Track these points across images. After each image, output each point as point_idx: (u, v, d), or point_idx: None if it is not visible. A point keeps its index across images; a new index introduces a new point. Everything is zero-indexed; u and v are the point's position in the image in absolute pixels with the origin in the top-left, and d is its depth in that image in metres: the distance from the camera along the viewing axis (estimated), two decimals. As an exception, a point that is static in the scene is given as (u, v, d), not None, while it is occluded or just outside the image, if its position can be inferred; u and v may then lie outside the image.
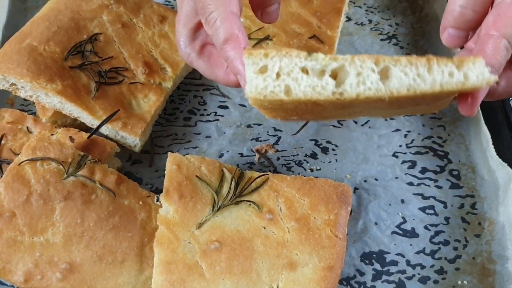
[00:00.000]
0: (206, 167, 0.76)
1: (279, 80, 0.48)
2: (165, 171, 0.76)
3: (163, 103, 0.90)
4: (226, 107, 0.94)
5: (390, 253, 0.79)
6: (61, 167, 0.72)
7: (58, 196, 0.71)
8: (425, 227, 0.81)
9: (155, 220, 0.73)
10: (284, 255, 0.70)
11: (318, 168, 0.87)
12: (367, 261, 0.78)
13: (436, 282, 0.77)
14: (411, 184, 0.86)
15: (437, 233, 0.81)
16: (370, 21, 1.07)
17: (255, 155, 0.88)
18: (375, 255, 0.79)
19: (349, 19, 1.07)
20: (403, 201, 0.84)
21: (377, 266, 0.78)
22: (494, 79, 0.49)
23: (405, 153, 0.89)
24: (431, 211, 0.83)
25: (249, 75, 0.49)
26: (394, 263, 0.78)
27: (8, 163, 0.75)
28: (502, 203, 0.80)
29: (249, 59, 0.49)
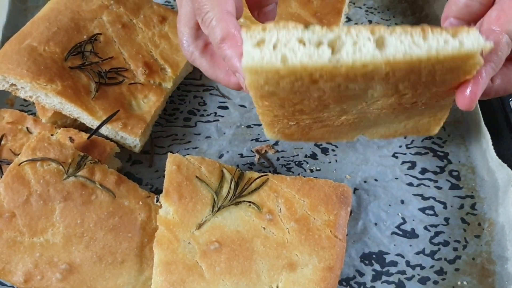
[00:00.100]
0: (206, 168, 0.76)
1: (276, 50, 0.48)
2: (165, 172, 0.76)
3: (163, 104, 0.90)
4: (226, 108, 0.94)
5: (389, 253, 0.79)
6: (61, 167, 0.72)
7: (58, 196, 0.71)
8: (425, 228, 0.81)
9: (155, 220, 0.73)
10: (284, 256, 0.70)
11: (318, 168, 0.87)
12: (367, 262, 0.78)
13: (435, 282, 0.77)
14: (411, 184, 0.86)
15: (437, 234, 0.81)
16: (370, 22, 1.07)
17: (255, 156, 0.88)
18: (374, 256, 0.79)
19: (349, 19, 1.07)
20: (403, 202, 0.84)
21: (377, 266, 0.78)
22: (490, 45, 0.48)
23: (405, 154, 0.89)
24: (430, 212, 0.83)
25: (246, 48, 0.48)
26: (393, 263, 0.78)
27: (8, 164, 0.75)
28: (502, 204, 0.80)
29: (247, 33, 0.49)
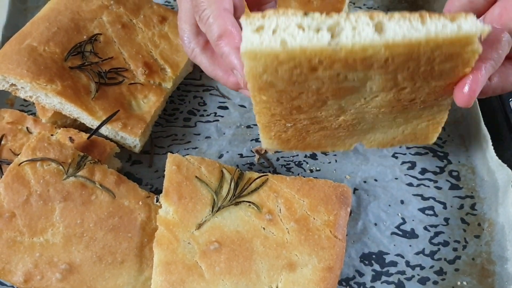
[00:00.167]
0: (205, 168, 0.76)
1: (275, 35, 0.49)
2: (164, 172, 0.76)
3: (163, 104, 0.90)
4: (226, 108, 0.94)
5: (389, 253, 0.79)
6: (61, 167, 0.72)
7: (58, 196, 0.71)
8: (425, 228, 0.81)
9: (154, 220, 0.73)
10: (283, 256, 0.70)
11: (317, 168, 0.87)
12: (367, 262, 0.78)
13: (435, 283, 0.77)
14: (410, 184, 0.86)
15: (437, 234, 0.81)
16: (370, 22, 1.07)
17: (254, 156, 0.88)
18: (374, 256, 0.79)
19: (349, 19, 1.07)
20: (402, 202, 0.84)
21: (377, 266, 0.78)
22: (488, 28, 0.49)
23: (405, 154, 0.89)
24: (430, 212, 0.83)
25: (246, 34, 0.49)
26: (393, 263, 0.78)
27: (8, 164, 0.75)
28: (501, 204, 0.80)
29: (246, 20, 0.49)
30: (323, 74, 0.51)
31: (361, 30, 0.48)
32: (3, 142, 0.79)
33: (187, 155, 0.79)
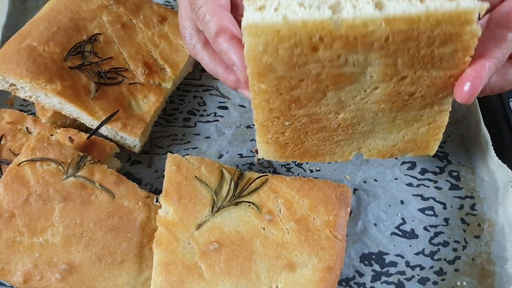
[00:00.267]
0: (205, 168, 0.76)
1: (276, 12, 0.50)
2: (164, 172, 0.76)
3: (163, 104, 0.90)
4: (225, 108, 0.94)
5: (389, 254, 0.79)
6: (60, 167, 0.72)
7: (57, 196, 0.71)
8: (425, 228, 0.81)
9: (154, 221, 0.73)
10: (283, 256, 0.70)
11: (317, 169, 0.87)
12: (367, 262, 0.78)
13: (435, 283, 0.77)
14: (410, 185, 0.86)
15: (437, 234, 0.81)
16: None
17: (254, 156, 0.88)
18: (374, 256, 0.79)
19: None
20: (402, 202, 0.84)
21: (377, 267, 0.78)
22: (486, 5, 0.49)
23: (405, 154, 0.89)
24: (430, 212, 0.83)
25: (248, 13, 0.50)
26: (393, 264, 0.78)
27: (7, 164, 0.75)
28: (501, 204, 0.80)
29: (249, 0, 0.51)
30: (324, 54, 0.52)
31: (362, 7, 0.50)
32: (2, 142, 0.79)
33: (187, 155, 0.78)
